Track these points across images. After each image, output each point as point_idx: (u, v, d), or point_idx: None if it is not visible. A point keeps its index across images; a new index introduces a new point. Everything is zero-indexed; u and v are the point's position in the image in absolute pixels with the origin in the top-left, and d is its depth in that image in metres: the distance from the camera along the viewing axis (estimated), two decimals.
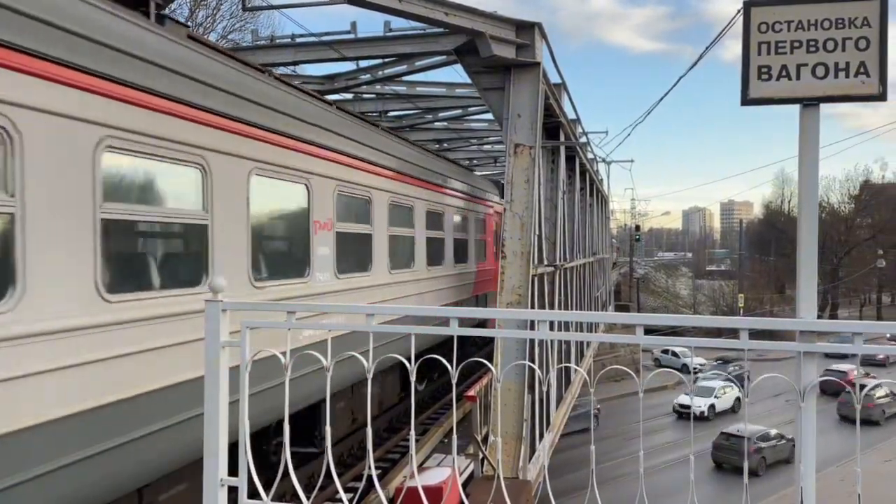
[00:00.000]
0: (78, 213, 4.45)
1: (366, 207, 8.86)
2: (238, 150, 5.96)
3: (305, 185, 7.09)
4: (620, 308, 49.71)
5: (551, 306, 12.50)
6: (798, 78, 3.44)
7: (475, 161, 21.54)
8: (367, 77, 12.31)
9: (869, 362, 47.56)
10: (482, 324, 12.19)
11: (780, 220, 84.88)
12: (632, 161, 41.89)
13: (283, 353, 3.31)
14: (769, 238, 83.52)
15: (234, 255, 5.90)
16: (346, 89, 12.71)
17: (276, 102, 6.55)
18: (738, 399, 38.86)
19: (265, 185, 6.36)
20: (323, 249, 7.56)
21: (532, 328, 8.75)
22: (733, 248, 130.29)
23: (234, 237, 5.85)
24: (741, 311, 54.10)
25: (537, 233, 10.75)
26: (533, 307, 10.24)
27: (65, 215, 4.35)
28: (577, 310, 17.07)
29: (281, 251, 6.92)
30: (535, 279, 10.70)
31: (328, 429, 3.26)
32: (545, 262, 11.76)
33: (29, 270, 4.13)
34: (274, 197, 6.61)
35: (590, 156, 23.71)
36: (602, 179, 32.71)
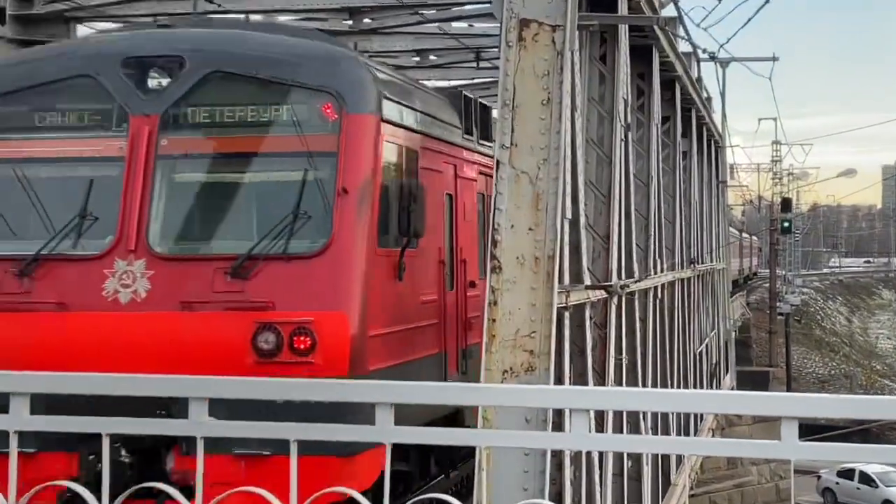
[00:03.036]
0: None
1: None
2: None
3: None
4: (750, 379, 44.27)
5: (601, 376, 11.57)
6: None
7: (433, 57, 19.80)
8: None
9: None
10: (451, 418, 11.49)
11: None
12: (774, 61, 36.12)
13: None
14: None
15: None
16: None
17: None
18: None
19: None
20: None
21: (560, 427, 8.47)
22: None
23: None
24: None
25: (569, 217, 9.96)
26: (561, 377, 9.55)
27: None
28: (654, 385, 15.70)
29: None
30: (567, 316, 9.96)
31: None
32: (586, 282, 10.94)
33: None
34: None
35: (683, 49, 21.62)
36: (710, 99, 29.59)
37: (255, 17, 16.26)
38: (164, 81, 10.00)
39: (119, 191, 9.82)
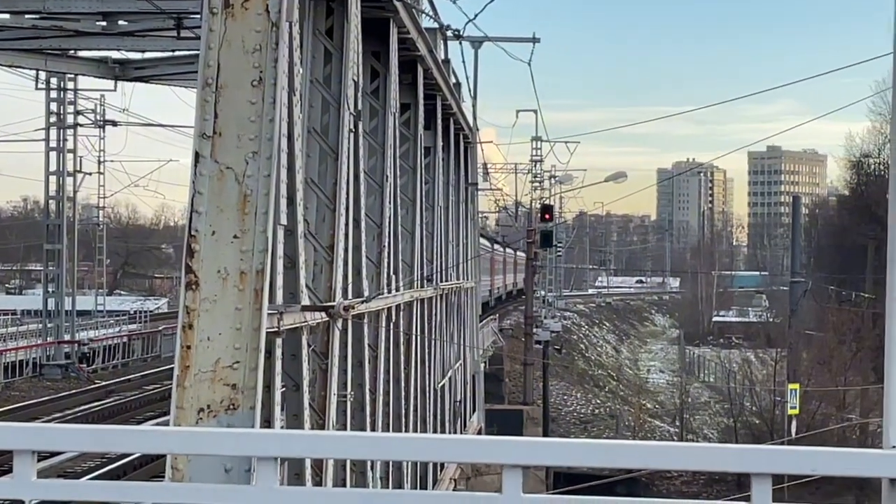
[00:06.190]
0: None
1: None
2: None
3: None
4: (502, 419, 41.98)
5: (321, 416, 10.95)
6: None
7: (123, 23, 18.19)
8: None
9: None
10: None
11: (885, 199, 78.42)
12: (534, 42, 36.46)
13: None
14: (861, 243, 71.02)
15: None
16: None
17: None
18: None
19: None
20: None
21: (248, 478, 8.07)
22: (777, 266, 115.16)
23: None
24: (791, 426, 41.67)
25: (284, 223, 9.53)
26: (271, 418, 9.09)
27: None
28: (385, 427, 15.16)
29: None
30: (279, 343, 9.54)
31: None
32: (304, 302, 10.45)
33: None
34: None
35: (427, 24, 21.17)
36: (459, 85, 29.26)
37: None
38: None
39: None
